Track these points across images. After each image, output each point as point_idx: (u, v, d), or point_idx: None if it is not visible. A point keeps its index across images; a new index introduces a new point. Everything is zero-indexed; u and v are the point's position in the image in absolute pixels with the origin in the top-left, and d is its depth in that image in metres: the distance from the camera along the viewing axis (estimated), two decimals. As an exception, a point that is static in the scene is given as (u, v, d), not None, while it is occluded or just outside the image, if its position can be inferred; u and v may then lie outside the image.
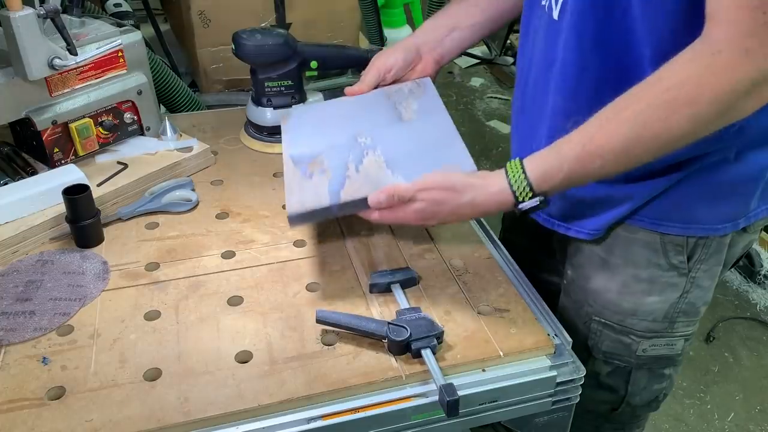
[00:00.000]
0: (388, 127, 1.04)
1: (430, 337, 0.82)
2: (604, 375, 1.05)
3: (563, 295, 1.09)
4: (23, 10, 0.98)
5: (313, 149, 1.02)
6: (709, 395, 2.03)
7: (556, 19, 0.87)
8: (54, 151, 1.12)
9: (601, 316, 1.01)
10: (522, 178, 0.82)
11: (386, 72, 1.12)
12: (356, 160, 0.97)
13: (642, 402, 1.07)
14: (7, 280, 0.95)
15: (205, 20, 1.59)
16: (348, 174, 0.95)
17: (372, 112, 1.09)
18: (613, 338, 1.01)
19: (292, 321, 0.88)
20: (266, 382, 0.79)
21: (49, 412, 0.75)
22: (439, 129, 1.03)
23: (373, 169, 0.95)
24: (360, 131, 1.04)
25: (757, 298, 2.40)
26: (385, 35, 1.75)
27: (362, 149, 0.99)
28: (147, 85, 1.21)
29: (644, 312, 0.98)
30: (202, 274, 0.97)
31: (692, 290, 0.96)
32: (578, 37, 0.84)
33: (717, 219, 0.91)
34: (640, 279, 0.96)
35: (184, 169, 1.20)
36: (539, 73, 0.94)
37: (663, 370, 1.05)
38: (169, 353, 0.83)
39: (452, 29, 1.11)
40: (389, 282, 0.93)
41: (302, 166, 0.99)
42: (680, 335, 1.01)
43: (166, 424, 0.74)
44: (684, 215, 0.91)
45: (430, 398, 0.80)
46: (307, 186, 0.95)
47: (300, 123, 1.12)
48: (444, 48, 1.13)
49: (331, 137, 1.04)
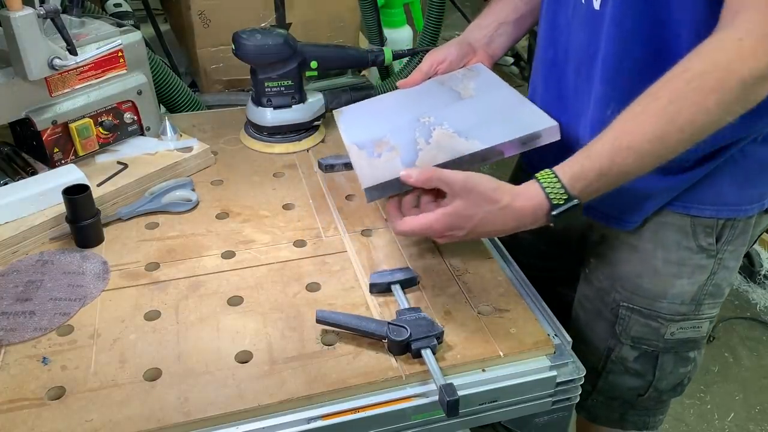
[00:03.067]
0: (450, 106, 1.03)
1: (430, 337, 0.82)
2: (632, 360, 1.05)
3: (584, 284, 1.09)
4: (23, 10, 0.97)
5: (375, 134, 1.01)
6: (709, 395, 2.03)
7: (598, 9, 0.88)
8: (54, 151, 1.12)
9: (629, 301, 1.01)
10: (555, 181, 0.81)
11: (439, 63, 1.13)
12: (425, 136, 0.96)
13: (668, 386, 1.08)
14: (7, 280, 0.95)
15: (205, 20, 1.59)
16: (419, 147, 0.93)
17: (428, 96, 1.08)
18: (641, 323, 1.02)
19: (292, 321, 0.88)
20: (266, 382, 0.79)
21: (49, 412, 0.75)
22: (504, 98, 1.03)
23: (445, 139, 0.93)
24: (421, 113, 1.02)
25: (757, 298, 2.40)
26: (385, 35, 1.74)
27: (428, 126, 0.98)
28: (147, 85, 1.21)
29: (673, 295, 0.98)
30: (202, 274, 0.97)
31: (719, 271, 0.98)
32: (618, 26, 0.86)
33: (746, 200, 0.93)
34: (670, 262, 0.97)
35: (184, 169, 1.20)
36: (580, 64, 0.95)
37: (689, 353, 1.05)
38: (169, 353, 0.83)
39: (500, 24, 1.14)
40: (389, 282, 0.93)
41: (368, 149, 0.97)
42: (706, 317, 1.02)
43: (166, 424, 0.74)
44: (715, 198, 0.92)
45: (430, 398, 0.80)
46: (377, 163, 0.93)
47: (355, 115, 1.11)
48: (495, 43, 1.15)
49: (391, 122, 1.03)
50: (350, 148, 1.01)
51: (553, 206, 0.81)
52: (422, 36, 1.62)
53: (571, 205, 0.81)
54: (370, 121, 1.08)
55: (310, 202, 1.13)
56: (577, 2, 0.93)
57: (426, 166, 0.87)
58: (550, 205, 0.81)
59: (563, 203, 0.81)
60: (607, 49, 0.89)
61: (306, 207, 1.12)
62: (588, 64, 0.93)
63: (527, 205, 0.82)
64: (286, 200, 1.14)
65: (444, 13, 1.58)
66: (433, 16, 1.58)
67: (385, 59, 1.32)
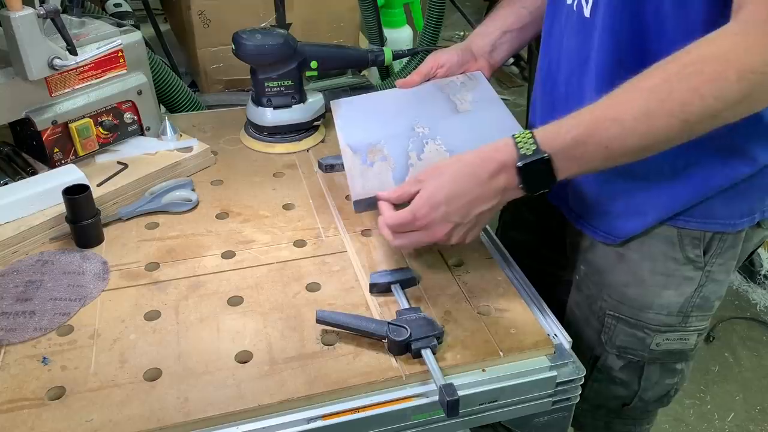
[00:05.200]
0: (445, 119, 1.06)
1: (430, 337, 0.82)
2: (617, 370, 1.05)
3: (575, 291, 1.09)
4: (23, 10, 0.97)
5: (370, 137, 1.02)
6: (709, 395, 2.03)
7: (588, 17, 0.88)
8: (54, 151, 1.12)
9: (615, 310, 1.01)
10: (528, 136, 0.80)
11: (439, 67, 1.15)
12: (417, 149, 0.98)
13: (654, 397, 1.07)
14: (7, 280, 0.95)
15: (205, 20, 1.59)
16: (410, 162, 0.96)
17: (426, 102, 1.10)
18: (627, 332, 1.01)
19: (292, 321, 0.88)
20: (266, 382, 0.79)
21: (49, 412, 0.75)
22: (498, 119, 1.05)
23: (436, 157, 0.96)
24: (416, 121, 1.05)
25: (757, 298, 2.40)
26: (385, 35, 1.75)
27: (421, 138, 1.00)
28: (147, 85, 1.21)
29: (659, 306, 0.98)
30: (202, 274, 0.97)
31: (707, 284, 0.97)
32: (612, 33, 0.85)
33: (735, 214, 0.92)
34: (657, 272, 0.96)
35: (184, 169, 1.20)
36: (572, 73, 0.94)
37: (675, 364, 1.05)
38: (169, 353, 0.83)
39: (503, 33, 1.15)
40: (389, 282, 0.93)
41: (362, 155, 1.00)
42: (694, 329, 1.01)
43: (166, 424, 0.74)
44: (703, 211, 0.92)
45: (430, 398, 0.80)
46: (369, 174, 0.95)
47: (352, 111, 1.13)
48: (497, 51, 1.17)
49: (387, 126, 1.05)
50: (344, 150, 1.03)
51: (521, 157, 0.79)
52: (422, 36, 1.62)
53: (539, 157, 0.78)
54: (367, 120, 1.09)
55: (310, 202, 1.13)
56: (569, 10, 0.92)
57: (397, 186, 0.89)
58: (517, 155, 0.79)
59: (531, 154, 0.79)
60: (598, 57, 0.88)
61: (306, 207, 1.12)
62: (579, 73, 0.92)
63: (494, 155, 0.81)
64: (286, 200, 1.14)
65: (444, 13, 1.59)
66: (433, 16, 1.58)
67: (385, 59, 1.32)
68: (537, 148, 0.79)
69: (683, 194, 0.90)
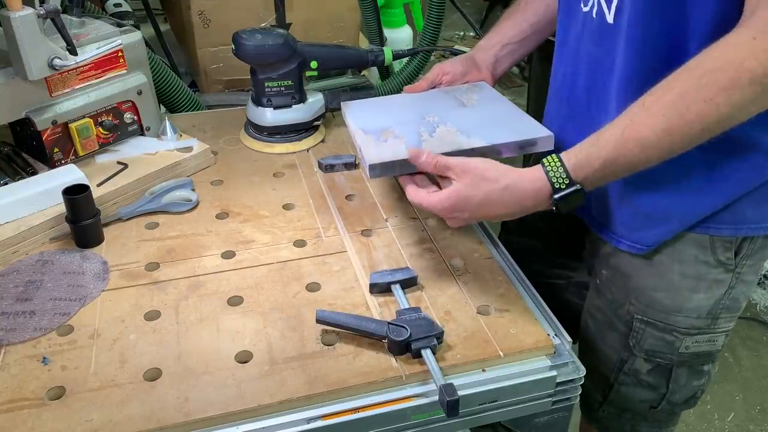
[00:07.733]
0: (454, 110, 1.10)
1: (430, 337, 0.82)
2: (644, 373, 1.04)
3: (594, 295, 1.08)
4: (23, 10, 0.98)
5: (382, 124, 1.05)
6: (709, 395, 2.03)
7: (611, 23, 0.88)
8: (54, 151, 1.12)
9: (644, 314, 1.00)
10: (558, 166, 0.83)
11: (443, 75, 1.19)
12: (429, 131, 1.02)
13: (681, 399, 1.07)
14: (7, 280, 0.95)
15: (205, 20, 1.59)
16: (423, 139, 0.99)
17: (434, 100, 1.15)
18: (656, 336, 1.01)
19: (292, 321, 0.88)
20: (266, 382, 0.79)
21: (49, 412, 0.75)
22: (505, 109, 1.10)
23: (448, 134, 1.00)
24: (426, 113, 1.08)
25: (757, 298, 2.40)
26: (385, 35, 1.75)
27: (432, 124, 1.04)
28: (147, 85, 1.21)
29: (689, 309, 0.97)
30: (202, 274, 0.97)
31: (737, 286, 0.97)
32: (635, 39, 0.85)
33: (764, 217, 0.92)
34: (687, 276, 0.96)
35: (184, 169, 1.20)
36: (593, 80, 0.94)
37: (703, 366, 1.05)
38: (169, 353, 0.83)
39: (503, 46, 1.19)
40: (389, 282, 0.93)
41: (374, 135, 1.02)
42: (722, 331, 1.01)
43: (166, 424, 0.74)
44: (733, 217, 0.91)
45: (430, 398, 0.80)
46: (383, 146, 0.98)
47: (363, 108, 1.16)
48: (499, 63, 1.21)
49: (398, 117, 1.08)
50: (356, 133, 1.04)
51: (555, 190, 0.83)
52: (422, 36, 1.62)
53: (573, 190, 0.83)
54: (378, 114, 1.11)
55: (310, 202, 1.13)
56: (586, 17, 0.92)
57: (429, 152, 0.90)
58: (551, 189, 0.84)
59: (565, 188, 0.83)
60: (623, 63, 0.87)
61: (306, 207, 1.12)
62: (603, 80, 0.92)
63: (529, 188, 0.85)
64: (286, 200, 1.14)
65: (444, 13, 1.59)
66: (433, 16, 1.58)
67: (385, 59, 1.32)
68: (570, 181, 0.83)
69: (708, 200, 0.90)
